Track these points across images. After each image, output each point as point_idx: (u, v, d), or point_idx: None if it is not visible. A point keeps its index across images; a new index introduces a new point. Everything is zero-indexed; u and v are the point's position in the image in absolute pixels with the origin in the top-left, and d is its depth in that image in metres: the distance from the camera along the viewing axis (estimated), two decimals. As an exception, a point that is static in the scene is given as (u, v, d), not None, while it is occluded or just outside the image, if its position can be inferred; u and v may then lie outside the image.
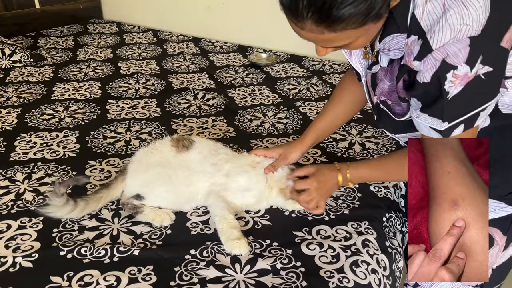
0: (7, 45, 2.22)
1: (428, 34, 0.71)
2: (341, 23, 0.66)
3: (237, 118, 1.70)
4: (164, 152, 1.15)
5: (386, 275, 1.01)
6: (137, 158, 1.17)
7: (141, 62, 2.34)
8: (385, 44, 0.80)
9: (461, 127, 0.77)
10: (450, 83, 0.71)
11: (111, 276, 0.92)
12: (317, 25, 0.67)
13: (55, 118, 1.66)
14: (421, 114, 0.79)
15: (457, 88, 0.72)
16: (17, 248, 0.99)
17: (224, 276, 0.93)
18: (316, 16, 0.66)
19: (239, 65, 2.35)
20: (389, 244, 1.09)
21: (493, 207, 0.92)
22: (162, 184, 1.10)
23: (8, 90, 1.90)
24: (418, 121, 0.81)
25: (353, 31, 0.69)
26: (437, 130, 0.79)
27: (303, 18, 0.67)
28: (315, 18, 0.66)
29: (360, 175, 1.05)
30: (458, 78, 0.71)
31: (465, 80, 0.71)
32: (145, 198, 1.09)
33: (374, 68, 0.89)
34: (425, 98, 0.78)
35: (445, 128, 0.77)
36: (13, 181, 1.24)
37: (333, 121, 1.20)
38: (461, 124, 0.77)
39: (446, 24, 0.69)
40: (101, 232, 1.05)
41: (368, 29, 0.71)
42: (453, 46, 0.69)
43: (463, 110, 0.75)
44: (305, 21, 0.67)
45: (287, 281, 0.92)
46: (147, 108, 1.77)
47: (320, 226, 1.09)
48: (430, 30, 0.71)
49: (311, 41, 0.75)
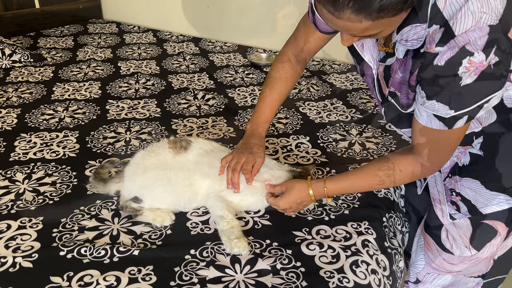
0: (7, 45, 2.22)
1: (450, 21, 0.72)
2: (381, 12, 0.68)
3: (237, 118, 1.70)
4: (162, 154, 1.15)
5: (386, 275, 1.01)
6: (135, 161, 1.16)
7: (141, 62, 2.34)
8: (403, 35, 0.80)
9: (465, 118, 0.78)
10: (464, 69, 0.72)
11: (111, 276, 0.92)
12: (356, 14, 0.68)
13: (55, 118, 1.66)
14: (427, 102, 0.79)
15: (471, 77, 0.72)
16: (17, 248, 0.99)
17: (224, 276, 0.93)
18: (357, 5, 0.67)
19: (239, 65, 2.35)
20: (389, 245, 1.09)
21: (497, 200, 0.93)
22: (160, 185, 1.10)
23: (8, 90, 1.90)
24: (421, 109, 0.81)
25: (388, 20, 0.71)
26: (441, 118, 0.79)
27: (343, 7, 0.68)
28: (356, 8, 0.67)
29: (337, 189, 1.04)
30: (472, 65, 0.71)
31: (479, 68, 0.71)
32: (143, 201, 1.09)
33: (389, 61, 0.89)
34: (435, 82, 0.78)
35: (450, 116, 0.77)
36: (13, 181, 1.24)
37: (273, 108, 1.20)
38: (465, 116, 0.77)
39: (468, 11, 0.70)
40: (101, 232, 1.05)
41: (397, 18, 0.73)
42: (475, 33, 0.70)
43: (472, 100, 0.75)
44: (345, 10, 0.68)
45: (287, 281, 0.92)
46: (147, 108, 1.77)
47: (320, 226, 1.09)
48: (453, 17, 0.72)
49: (343, 30, 0.77)
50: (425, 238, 1.13)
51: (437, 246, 1.08)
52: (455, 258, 1.06)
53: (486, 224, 0.97)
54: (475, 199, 0.96)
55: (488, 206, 0.94)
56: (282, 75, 1.17)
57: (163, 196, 1.10)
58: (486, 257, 1.03)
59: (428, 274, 1.15)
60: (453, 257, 1.06)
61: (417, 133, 0.87)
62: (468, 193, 0.97)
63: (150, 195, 1.09)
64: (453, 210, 1.01)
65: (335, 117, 1.72)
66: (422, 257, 1.16)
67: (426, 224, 1.13)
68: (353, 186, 1.03)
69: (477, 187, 0.95)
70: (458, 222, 1.01)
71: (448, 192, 1.01)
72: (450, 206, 1.02)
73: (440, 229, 1.06)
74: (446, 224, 1.03)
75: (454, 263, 1.07)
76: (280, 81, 1.17)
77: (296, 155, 1.43)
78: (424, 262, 1.15)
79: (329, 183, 1.02)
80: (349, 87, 2.06)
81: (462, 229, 1.01)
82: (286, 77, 1.17)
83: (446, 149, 0.88)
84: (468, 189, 0.97)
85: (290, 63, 1.17)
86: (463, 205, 0.99)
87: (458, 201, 0.99)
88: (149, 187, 1.10)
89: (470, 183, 0.96)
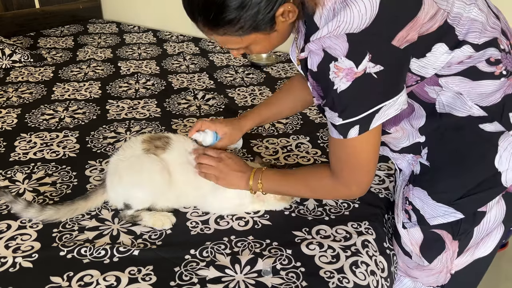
0: (7, 45, 2.22)
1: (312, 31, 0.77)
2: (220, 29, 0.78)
3: (237, 118, 1.70)
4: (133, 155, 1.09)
5: (384, 277, 1.01)
6: (110, 170, 1.12)
7: (141, 62, 2.34)
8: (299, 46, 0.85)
9: (356, 128, 0.78)
10: (333, 74, 0.75)
11: (111, 276, 0.92)
12: (203, 26, 0.80)
13: (55, 118, 1.66)
14: (326, 110, 0.82)
15: (344, 83, 0.74)
16: (17, 248, 0.99)
17: (224, 276, 0.93)
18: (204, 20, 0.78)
19: (239, 65, 2.35)
20: (388, 245, 1.09)
21: (442, 212, 0.91)
22: (138, 190, 1.08)
23: (8, 90, 1.90)
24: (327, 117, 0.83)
25: (238, 38, 0.80)
26: (334, 126, 0.81)
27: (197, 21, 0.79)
28: (203, 23, 0.79)
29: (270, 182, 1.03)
30: (340, 71, 0.73)
31: (351, 75, 0.73)
32: (132, 206, 1.08)
33: None
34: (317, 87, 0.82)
35: (340, 124, 0.79)
36: (13, 181, 1.24)
37: (277, 113, 1.24)
38: (356, 125, 0.78)
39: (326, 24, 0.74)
40: (101, 232, 1.05)
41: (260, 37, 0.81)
42: (328, 40, 0.74)
43: (356, 109, 0.77)
44: (198, 24, 0.80)
45: (287, 281, 0.92)
46: (147, 108, 1.77)
47: (320, 226, 1.09)
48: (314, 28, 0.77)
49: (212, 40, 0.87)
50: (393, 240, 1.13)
51: (398, 247, 1.07)
52: (411, 263, 1.05)
53: (435, 233, 0.95)
54: (423, 209, 0.94)
55: (435, 217, 0.92)
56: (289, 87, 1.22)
57: (144, 199, 1.09)
58: (440, 271, 1.00)
59: None
60: (410, 261, 1.05)
61: (329, 147, 0.90)
62: (417, 203, 0.95)
63: (133, 200, 1.08)
64: (405, 218, 1.00)
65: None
66: None
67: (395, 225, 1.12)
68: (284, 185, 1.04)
69: (425, 197, 0.93)
70: (410, 230, 0.99)
71: (404, 200, 1.00)
72: (404, 215, 1.00)
73: None
74: (400, 230, 1.03)
75: (411, 268, 1.06)
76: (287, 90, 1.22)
77: (296, 155, 1.43)
78: None
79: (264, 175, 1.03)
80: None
81: (414, 237, 1.00)
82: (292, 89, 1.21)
83: (353, 163, 0.86)
84: (418, 198, 0.95)
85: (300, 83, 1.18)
86: (413, 214, 0.97)
87: (410, 210, 0.97)
88: (128, 194, 1.08)
89: (419, 193, 0.94)
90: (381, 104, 0.76)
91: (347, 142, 0.82)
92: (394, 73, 0.75)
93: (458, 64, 0.79)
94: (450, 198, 0.90)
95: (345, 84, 0.74)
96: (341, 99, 0.77)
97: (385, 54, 0.73)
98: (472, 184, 0.87)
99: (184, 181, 1.10)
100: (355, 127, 0.78)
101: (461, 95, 0.82)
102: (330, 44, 0.74)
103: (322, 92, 0.82)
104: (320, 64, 0.76)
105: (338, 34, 0.72)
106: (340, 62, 0.73)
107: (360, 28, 0.71)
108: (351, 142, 0.81)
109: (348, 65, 0.73)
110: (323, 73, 0.76)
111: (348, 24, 0.72)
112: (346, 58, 0.73)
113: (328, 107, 0.80)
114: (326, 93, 0.80)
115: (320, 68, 0.77)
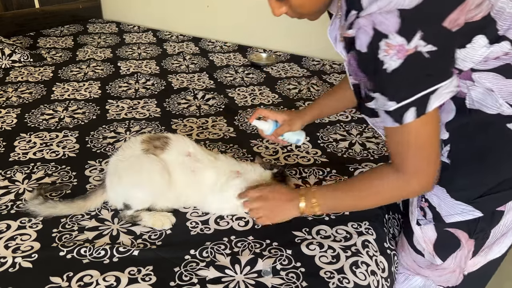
0: (7, 45, 2.22)
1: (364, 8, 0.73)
2: None
3: (237, 118, 1.70)
4: (133, 155, 1.09)
5: (385, 277, 1.00)
6: (110, 171, 1.12)
7: (141, 62, 2.34)
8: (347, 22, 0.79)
9: (412, 110, 0.74)
10: (383, 53, 0.71)
11: (110, 276, 0.92)
12: None
13: (55, 118, 1.66)
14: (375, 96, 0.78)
15: (394, 61, 0.71)
16: (16, 248, 0.99)
17: (224, 276, 0.93)
18: None
19: (239, 65, 2.35)
20: (388, 245, 1.09)
21: (460, 210, 0.90)
22: (138, 191, 1.08)
23: (7, 90, 1.90)
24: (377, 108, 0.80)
25: None
26: (388, 112, 0.76)
27: None
28: None
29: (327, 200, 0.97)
30: (391, 48, 0.70)
31: (402, 52, 0.70)
32: (132, 206, 1.08)
33: None
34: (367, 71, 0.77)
35: (394, 109, 0.75)
36: (12, 181, 1.24)
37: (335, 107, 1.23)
38: (412, 107, 0.74)
39: None
40: (100, 233, 1.05)
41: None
42: (379, 15, 0.70)
43: (410, 89, 0.73)
44: None
45: (287, 281, 0.91)
46: (147, 108, 1.77)
47: (320, 226, 1.09)
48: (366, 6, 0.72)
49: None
50: (401, 237, 1.12)
51: (409, 246, 1.07)
52: (423, 262, 1.04)
53: (450, 232, 0.95)
54: (440, 206, 0.93)
55: (452, 215, 0.92)
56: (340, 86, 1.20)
57: (144, 199, 1.09)
58: (453, 270, 1.00)
59: (399, 273, 1.13)
60: (422, 260, 1.04)
61: (386, 140, 0.85)
62: (434, 200, 0.94)
63: (132, 201, 1.08)
64: (420, 215, 0.99)
65: (335, 117, 1.72)
66: None
67: (404, 224, 1.12)
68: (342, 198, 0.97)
69: (442, 194, 0.92)
70: (424, 228, 0.99)
71: (419, 197, 0.99)
72: (419, 212, 0.99)
73: None
74: (414, 228, 1.02)
75: (422, 267, 1.05)
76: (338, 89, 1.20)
77: (297, 155, 1.43)
78: None
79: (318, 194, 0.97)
80: (349, 87, 2.06)
81: (427, 235, 0.99)
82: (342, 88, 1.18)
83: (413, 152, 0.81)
84: (435, 195, 0.94)
85: None
86: (429, 212, 0.96)
87: (425, 207, 0.97)
88: (128, 194, 1.08)
89: (437, 190, 0.93)
90: (437, 85, 0.73)
91: (404, 128, 0.77)
92: (446, 55, 0.73)
93: (494, 60, 0.78)
94: (470, 196, 0.89)
95: (396, 62, 0.71)
96: (392, 79, 0.73)
97: (437, 35, 0.70)
98: (493, 183, 0.86)
99: (184, 181, 1.10)
100: (411, 109, 0.74)
101: (492, 92, 0.80)
102: (381, 20, 0.70)
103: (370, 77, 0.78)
104: (370, 44, 0.72)
105: (390, 9, 0.69)
106: (391, 39, 0.70)
107: (411, 5, 0.68)
108: (408, 128, 0.77)
109: (399, 41, 0.69)
110: (372, 53, 0.73)
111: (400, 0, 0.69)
112: (397, 34, 0.69)
113: (379, 92, 0.76)
114: (375, 76, 0.76)
115: (370, 48, 0.73)
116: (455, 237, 0.95)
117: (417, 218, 1.00)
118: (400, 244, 1.13)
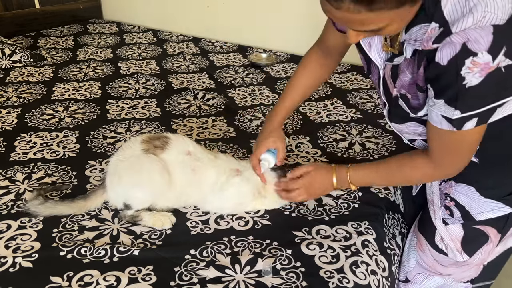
0: (7, 45, 2.22)
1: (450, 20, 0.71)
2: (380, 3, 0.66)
3: (237, 118, 1.70)
4: (133, 155, 1.09)
5: (385, 276, 1.01)
6: (110, 171, 1.12)
7: (141, 62, 2.34)
8: (412, 35, 0.78)
9: (474, 120, 0.75)
10: (467, 69, 0.70)
11: (111, 276, 0.92)
12: (355, 4, 0.66)
13: (55, 118, 1.66)
14: (437, 102, 0.77)
15: (476, 78, 0.70)
16: (17, 248, 0.99)
17: (224, 276, 0.93)
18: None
19: (239, 65, 2.35)
20: (388, 245, 1.09)
21: (491, 207, 0.92)
22: (138, 191, 1.08)
23: (8, 90, 1.90)
24: (432, 110, 0.80)
25: (389, 13, 0.68)
26: (448, 119, 0.77)
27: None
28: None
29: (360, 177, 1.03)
30: (476, 66, 0.69)
31: (486, 70, 0.69)
32: (132, 206, 1.08)
33: (397, 60, 0.87)
34: (439, 82, 0.76)
35: (457, 118, 0.75)
36: (13, 181, 1.24)
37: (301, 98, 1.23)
38: (475, 118, 0.75)
39: (470, 12, 0.68)
40: (101, 232, 1.05)
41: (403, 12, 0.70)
42: (474, 32, 0.68)
43: (480, 102, 0.73)
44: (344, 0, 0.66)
45: (287, 281, 0.92)
46: (147, 108, 1.77)
47: (320, 226, 1.09)
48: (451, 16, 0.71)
49: (343, 23, 0.74)
50: (418, 237, 1.12)
51: (429, 246, 1.07)
52: (447, 261, 1.05)
53: (478, 229, 0.96)
54: (469, 205, 0.95)
55: (482, 213, 0.93)
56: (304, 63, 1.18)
57: (144, 199, 1.09)
58: (477, 264, 1.02)
59: (418, 274, 1.14)
60: (446, 259, 1.05)
61: (429, 135, 0.86)
62: (462, 199, 0.96)
63: (132, 200, 1.08)
64: (446, 215, 1.00)
65: (335, 117, 1.72)
66: (413, 256, 1.15)
67: (421, 223, 1.12)
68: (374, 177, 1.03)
69: (472, 193, 0.94)
70: (451, 226, 1.00)
71: (443, 197, 1.00)
72: (444, 211, 1.00)
73: (435, 229, 1.05)
74: (438, 226, 1.03)
75: (445, 265, 1.06)
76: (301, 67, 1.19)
77: (296, 155, 1.43)
78: (415, 262, 1.14)
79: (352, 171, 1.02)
80: (349, 87, 2.06)
81: (454, 233, 1.00)
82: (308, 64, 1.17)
83: (459, 152, 0.85)
84: (463, 195, 0.96)
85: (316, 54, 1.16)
86: (456, 211, 0.97)
87: (452, 206, 0.98)
88: (128, 194, 1.08)
89: (465, 189, 0.95)
90: (506, 98, 0.73)
91: (459, 134, 0.78)
92: None
93: None
94: (500, 193, 0.91)
95: (477, 80, 0.70)
96: (467, 95, 0.72)
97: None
98: None
99: (184, 180, 1.10)
100: (473, 119, 0.75)
101: None
102: (476, 37, 0.68)
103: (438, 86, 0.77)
104: (453, 59, 0.71)
105: (484, 25, 0.67)
106: (479, 57, 0.68)
107: (504, 19, 0.67)
108: (463, 134, 0.78)
109: (486, 59, 0.68)
110: (454, 68, 0.71)
111: (494, 14, 0.67)
112: (486, 52, 0.68)
113: (444, 100, 0.76)
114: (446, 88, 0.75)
115: (451, 62, 0.71)
116: (484, 234, 0.96)
117: (443, 217, 1.01)
118: (417, 245, 1.13)
